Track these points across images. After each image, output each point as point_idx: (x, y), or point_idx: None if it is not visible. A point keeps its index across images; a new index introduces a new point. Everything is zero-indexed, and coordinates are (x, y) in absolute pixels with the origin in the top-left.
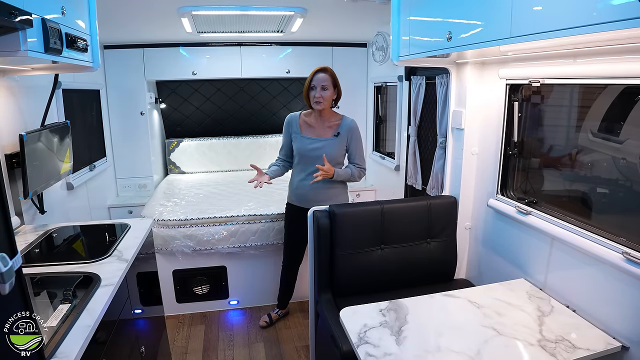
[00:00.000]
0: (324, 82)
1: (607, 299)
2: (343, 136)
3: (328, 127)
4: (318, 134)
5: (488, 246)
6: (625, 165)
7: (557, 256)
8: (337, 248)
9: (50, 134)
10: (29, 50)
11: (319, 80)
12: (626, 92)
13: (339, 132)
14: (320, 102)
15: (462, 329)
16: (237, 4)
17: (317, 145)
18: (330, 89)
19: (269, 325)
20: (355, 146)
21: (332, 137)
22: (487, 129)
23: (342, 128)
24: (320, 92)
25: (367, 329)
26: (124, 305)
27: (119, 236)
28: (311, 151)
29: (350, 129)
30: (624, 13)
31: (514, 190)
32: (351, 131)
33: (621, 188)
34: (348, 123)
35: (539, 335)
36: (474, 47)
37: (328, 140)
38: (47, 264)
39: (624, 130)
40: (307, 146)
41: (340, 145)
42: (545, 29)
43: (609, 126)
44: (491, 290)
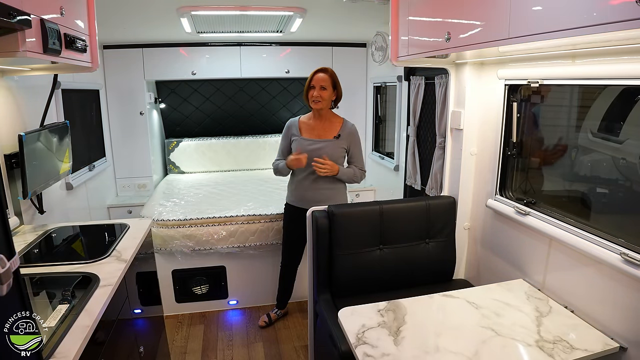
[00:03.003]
0: (322, 82)
1: (605, 300)
2: (344, 139)
3: (329, 128)
4: (318, 135)
5: (487, 246)
6: (625, 165)
7: (556, 257)
8: (336, 248)
9: (50, 134)
10: (28, 51)
11: (318, 80)
12: (626, 92)
13: (340, 134)
14: (318, 101)
15: (461, 330)
16: (236, 5)
17: (317, 145)
18: (329, 89)
19: (268, 325)
20: (355, 150)
21: (333, 139)
22: (486, 130)
23: (343, 131)
24: (318, 92)
25: (365, 329)
26: (122, 305)
27: (117, 236)
28: (311, 152)
29: (351, 132)
30: (623, 14)
31: (512, 190)
32: (352, 135)
33: (620, 188)
34: (349, 127)
35: (537, 336)
36: (473, 47)
37: (329, 141)
38: (46, 264)
39: (623, 130)
40: (307, 147)
41: (340, 147)
42: (543, 30)
43: (609, 126)
44: (489, 291)
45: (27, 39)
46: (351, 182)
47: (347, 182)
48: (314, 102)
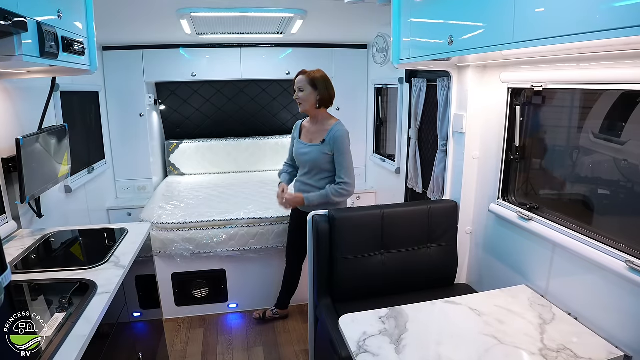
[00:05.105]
0: (298, 84)
1: (610, 308)
2: (327, 144)
3: (319, 131)
4: (311, 139)
5: (489, 251)
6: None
7: (559, 263)
8: (337, 253)
9: (48, 137)
10: (24, 55)
11: (295, 83)
12: (628, 95)
13: (325, 139)
14: (300, 103)
15: (463, 338)
16: (236, 6)
17: (305, 150)
18: (306, 89)
19: (260, 318)
20: (338, 158)
21: (319, 144)
22: (489, 133)
23: (328, 135)
24: (297, 94)
25: (366, 337)
26: (122, 309)
27: (116, 241)
28: (300, 156)
29: (334, 138)
30: (634, 19)
31: (515, 195)
32: (335, 140)
33: (625, 191)
34: (335, 131)
35: (541, 344)
36: (476, 51)
37: (314, 146)
38: (43, 270)
39: (626, 132)
40: (298, 150)
41: (323, 152)
42: (549, 34)
43: (612, 127)
44: (492, 297)
45: (23, 43)
46: (329, 203)
47: (322, 205)
48: (298, 105)
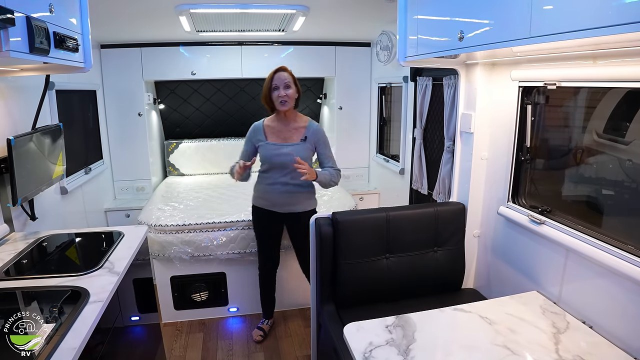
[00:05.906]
0: (286, 80)
1: (627, 316)
2: (310, 141)
3: (294, 129)
4: (284, 139)
5: (498, 255)
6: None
7: (573, 268)
8: (341, 257)
9: (42, 137)
10: (12, 51)
11: (280, 79)
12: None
13: (306, 136)
14: (286, 101)
15: (474, 348)
16: (237, 2)
17: (284, 150)
18: (292, 87)
19: (264, 337)
20: (324, 150)
21: (300, 142)
22: (498, 133)
23: (308, 132)
24: (284, 91)
25: (372, 348)
26: (117, 315)
27: (111, 246)
28: (278, 157)
29: (316, 133)
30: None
31: (526, 197)
32: (318, 135)
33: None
34: (314, 128)
35: (556, 355)
36: (489, 47)
37: (295, 145)
38: (35, 277)
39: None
40: (274, 152)
41: (308, 150)
42: (569, 28)
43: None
44: (503, 304)
45: (10, 38)
46: (330, 186)
47: (326, 186)
48: (282, 103)
